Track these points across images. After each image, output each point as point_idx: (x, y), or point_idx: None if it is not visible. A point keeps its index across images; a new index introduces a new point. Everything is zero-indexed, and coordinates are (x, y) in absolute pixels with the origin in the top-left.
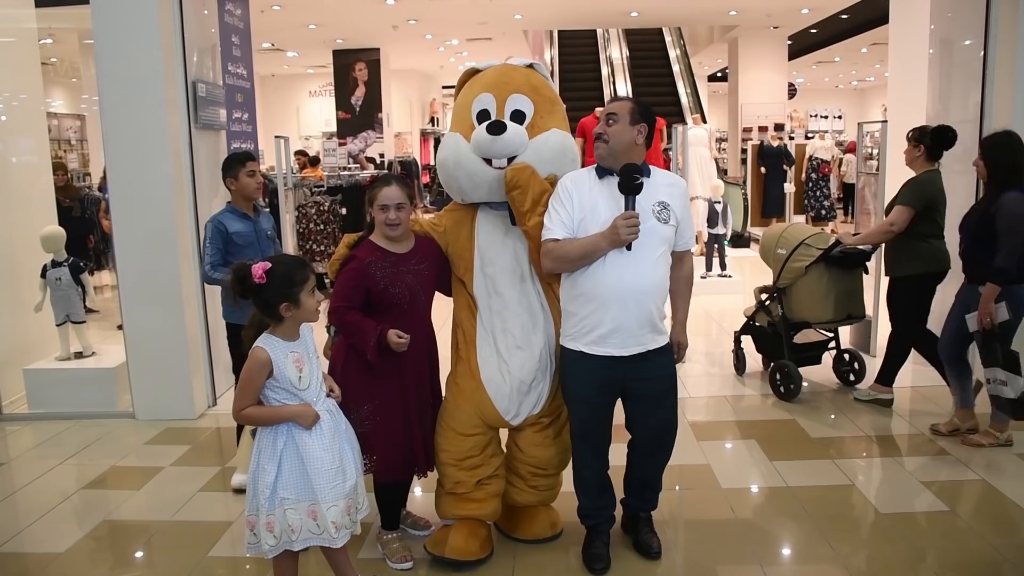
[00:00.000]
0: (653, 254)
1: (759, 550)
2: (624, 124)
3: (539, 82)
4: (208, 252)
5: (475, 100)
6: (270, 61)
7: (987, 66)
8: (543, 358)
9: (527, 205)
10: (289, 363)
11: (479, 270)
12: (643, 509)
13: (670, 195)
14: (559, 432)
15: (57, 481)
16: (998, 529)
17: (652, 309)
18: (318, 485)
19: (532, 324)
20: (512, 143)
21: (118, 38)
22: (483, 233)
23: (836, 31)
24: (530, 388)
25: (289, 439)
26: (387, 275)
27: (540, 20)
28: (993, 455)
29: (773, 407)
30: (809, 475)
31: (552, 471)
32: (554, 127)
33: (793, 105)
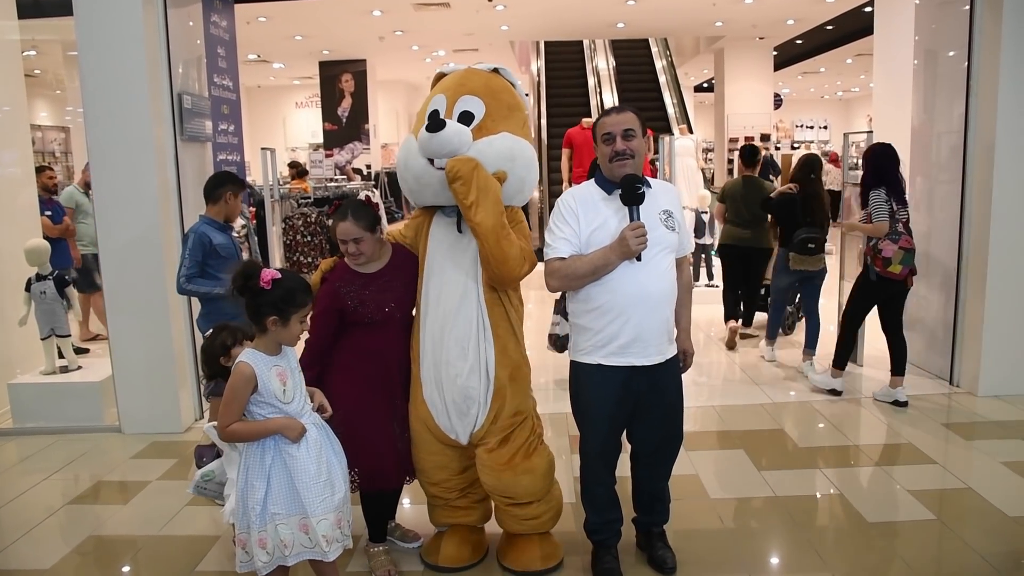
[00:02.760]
0: (664, 261)
1: (748, 560)
2: (639, 137)
3: (499, 86)
4: (185, 263)
5: (430, 101)
6: (256, 72)
7: (971, 77)
8: (473, 377)
9: (471, 197)
10: (273, 376)
11: (426, 281)
12: (655, 524)
13: (670, 202)
14: (511, 457)
15: (43, 496)
16: (984, 537)
17: (667, 316)
18: (307, 499)
19: (467, 338)
20: (450, 141)
21: (102, 50)
22: (433, 240)
23: (821, 42)
24: (463, 407)
25: (276, 454)
26: (357, 296)
27: (526, 31)
28: (980, 465)
29: (760, 417)
30: (797, 484)
31: (521, 499)
32: (505, 131)
33: (779, 115)
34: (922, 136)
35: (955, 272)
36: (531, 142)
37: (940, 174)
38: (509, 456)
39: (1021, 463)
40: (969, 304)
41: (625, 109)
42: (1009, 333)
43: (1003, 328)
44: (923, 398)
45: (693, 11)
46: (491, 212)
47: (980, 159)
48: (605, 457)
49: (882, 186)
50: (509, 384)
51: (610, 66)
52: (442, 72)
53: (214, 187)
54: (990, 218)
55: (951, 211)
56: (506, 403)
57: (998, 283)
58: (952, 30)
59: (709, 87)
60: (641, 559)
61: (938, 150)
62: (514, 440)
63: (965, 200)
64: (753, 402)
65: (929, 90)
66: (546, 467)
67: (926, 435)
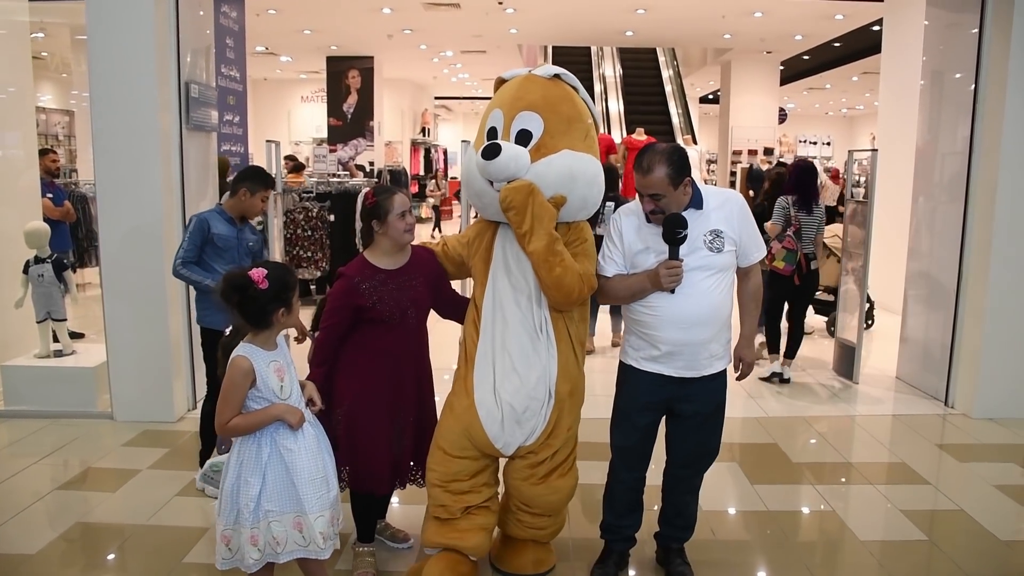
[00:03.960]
0: (706, 284)
1: (739, 574)
2: (671, 195)
3: (558, 96)
4: (183, 247)
5: (488, 116)
6: (263, 65)
7: (977, 99)
8: (538, 388)
9: (525, 226)
10: (271, 372)
11: (491, 284)
12: (675, 540)
13: (725, 218)
14: (549, 473)
15: (32, 481)
16: (975, 560)
17: (706, 337)
18: (305, 495)
19: (532, 348)
20: (506, 168)
21: (111, 35)
22: (500, 248)
23: (828, 58)
24: (521, 418)
25: (274, 449)
26: (376, 292)
27: (535, 35)
28: (972, 487)
29: (756, 431)
30: (790, 500)
31: (538, 511)
32: (565, 148)
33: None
34: (926, 156)
35: (954, 293)
36: (595, 153)
37: (942, 194)
38: (547, 472)
39: (1014, 487)
40: (967, 325)
41: (652, 167)
42: (1007, 356)
43: (1001, 351)
44: (918, 418)
45: (702, 23)
46: (545, 240)
47: (983, 181)
48: (625, 454)
49: (792, 195)
50: (568, 399)
51: (617, 73)
52: (502, 78)
53: (234, 180)
54: (991, 240)
55: (952, 232)
56: (563, 417)
57: (998, 306)
58: (960, 52)
59: (715, 99)
60: (660, 574)
61: (942, 170)
62: (557, 458)
63: (967, 221)
64: (749, 415)
65: (935, 110)
66: (573, 489)
67: (920, 455)
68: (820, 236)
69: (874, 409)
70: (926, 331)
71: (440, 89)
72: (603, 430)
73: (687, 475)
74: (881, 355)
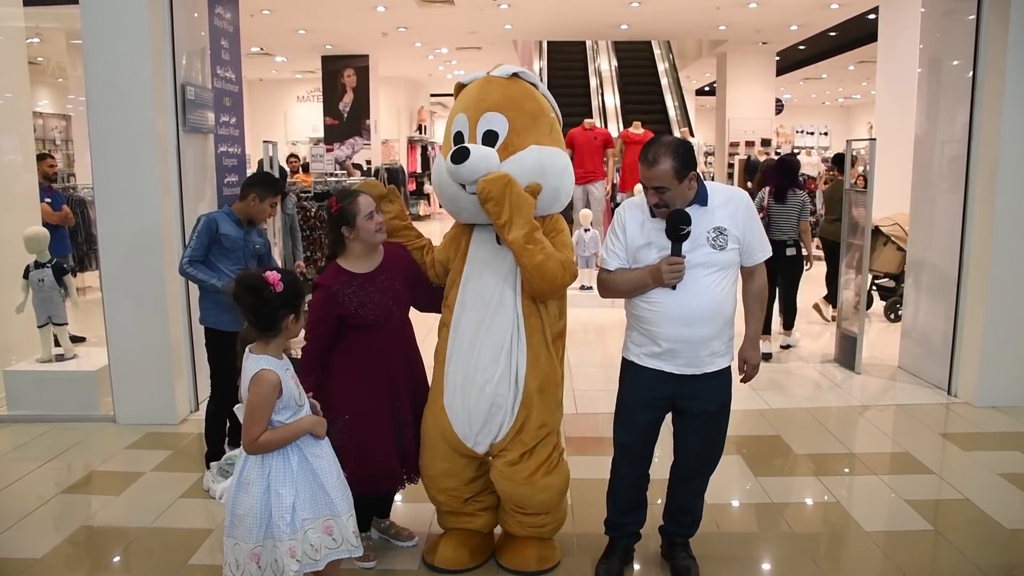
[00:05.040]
0: (707, 280)
1: (744, 567)
2: (676, 189)
3: (520, 94)
4: (191, 245)
5: (453, 121)
6: (258, 65)
7: (975, 87)
8: (503, 385)
9: (504, 216)
10: (288, 380)
11: (463, 286)
12: (679, 535)
13: (729, 216)
14: (533, 472)
15: (35, 485)
16: (981, 549)
17: (706, 335)
18: (336, 498)
19: (499, 346)
20: (476, 170)
21: (107, 39)
22: (473, 250)
23: (824, 48)
24: (488, 415)
25: (302, 458)
26: (356, 298)
27: (530, 31)
28: (977, 476)
29: (758, 423)
30: (793, 492)
31: (533, 511)
32: (532, 143)
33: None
34: (925, 144)
35: (955, 282)
36: (561, 145)
37: (942, 183)
38: (530, 471)
39: (1019, 475)
40: (969, 314)
41: (658, 159)
42: (1009, 344)
43: (1003, 339)
44: (921, 407)
45: (697, 15)
46: (526, 229)
47: (983, 169)
48: (627, 451)
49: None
50: (537, 395)
51: (612, 67)
52: (461, 83)
53: (246, 184)
54: (992, 228)
55: (952, 220)
56: (532, 414)
57: (999, 294)
58: (958, 39)
59: (711, 91)
60: (665, 568)
61: (941, 159)
62: (537, 455)
63: (967, 209)
64: (751, 408)
65: (933, 99)
66: (563, 484)
67: (923, 445)
68: (804, 223)
69: (877, 399)
70: (928, 320)
71: (436, 86)
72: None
73: (694, 476)
74: (883, 345)
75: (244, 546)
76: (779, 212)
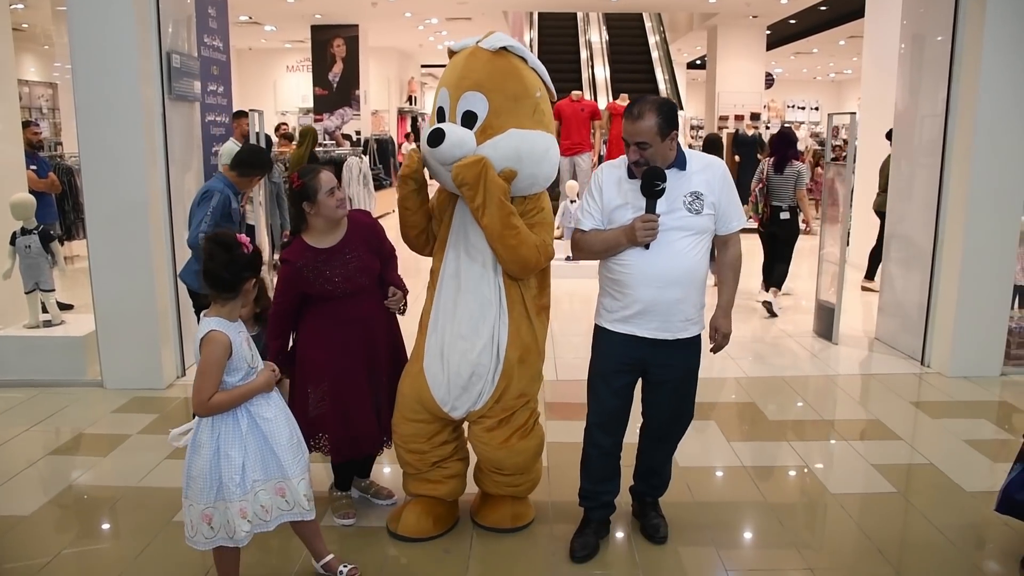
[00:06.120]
0: (682, 244)
1: (711, 526)
2: (657, 147)
3: (503, 72)
4: (207, 220)
5: (437, 95)
6: (247, 34)
7: (954, 62)
8: (484, 354)
9: (477, 201)
10: (242, 342)
11: (447, 254)
12: (649, 495)
13: (706, 182)
14: (508, 437)
15: (23, 447)
16: (942, 511)
17: (680, 297)
18: (286, 461)
19: (481, 316)
20: (451, 154)
21: (92, 6)
22: (457, 217)
23: (814, 23)
24: (467, 383)
25: (251, 420)
26: (319, 275)
27: (520, 1)
28: (943, 442)
29: (733, 390)
30: (765, 456)
31: (509, 472)
32: (512, 127)
33: (771, 95)
34: (905, 119)
35: (931, 254)
36: (546, 126)
37: (922, 157)
38: (506, 437)
39: (982, 441)
40: (943, 287)
41: (643, 114)
42: (980, 316)
43: (975, 311)
44: (894, 377)
45: None
46: (497, 214)
47: (960, 143)
48: (600, 420)
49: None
50: (518, 365)
51: (603, 40)
52: (452, 49)
53: (249, 165)
54: (966, 202)
55: (929, 194)
56: (512, 384)
57: (973, 267)
58: (939, 14)
59: (702, 64)
60: (635, 527)
61: (920, 134)
62: (513, 421)
63: (943, 183)
64: (727, 376)
65: (915, 74)
66: (538, 447)
67: (895, 413)
68: (800, 192)
69: (852, 369)
70: (904, 292)
71: (426, 57)
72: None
73: (663, 439)
74: (861, 317)
75: (196, 507)
76: (777, 181)
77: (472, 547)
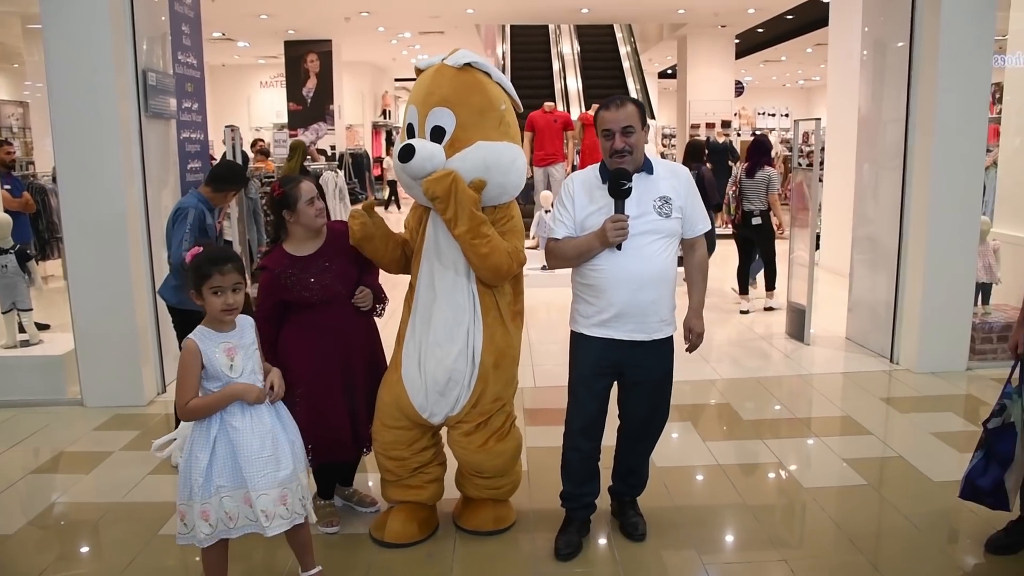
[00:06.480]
0: (653, 247)
1: (688, 524)
2: (638, 133)
3: (469, 86)
4: (188, 239)
5: (406, 112)
6: (221, 51)
7: (912, 69)
8: (459, 361)
9: (449, 213)
10: (219, 352)
11: (421, 264)
12: (628, 494)
13: (673, 187)
14: (486, 441)
15: (5, 467)
16: (910, 500)
17: (653, 299)
18: (248, 473)
19: (455, 323)
20: (421, 169)
21: (68, 25)
22: (431, 229)
23: (782, 31)
24: (444, 389)
25: (221, 427)
26: (297, 281)
27: (492, 15)
28: (911, 435)
29: (708, 392)
30: (739, 454)
31: (488, 475)
32: (479, 139)
33: (742, 102)
34: (868, 125)
35: (896, 255)
36: (512, 137)
37: (886, 161)
38: (484, 440)
39: (949, 433)
40: (909, 286)
41: (625, 102)
42: (945, 313)
43: (940, 309)
44: (864, 375)
45: None
46: (468, 224)
47: (919, 148)
48: (581, 425)
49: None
50: (493, 370)
51: (575, 51)
52: (418, 67)
53: (225, 180)
54: (927, 204)
55: (893, 197)
56: (488, 388)
57: (936, 266)
58: (899, 21)
59: (673, 73)
60: (615, 526)
61: (883, 139)
62: (491, 425)
63: (906, 186)
64: (703, 378)
65: (877, 80)
66: (516, 449)
67: (865, 409)
68: (772, 196)
69: (824, 368)
70: (872, 292)
71: (400, 71)
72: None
73: (640, 440)
74: (832, 317)
75: (177, 504)
76: (748, 185)
77: (455, 550)
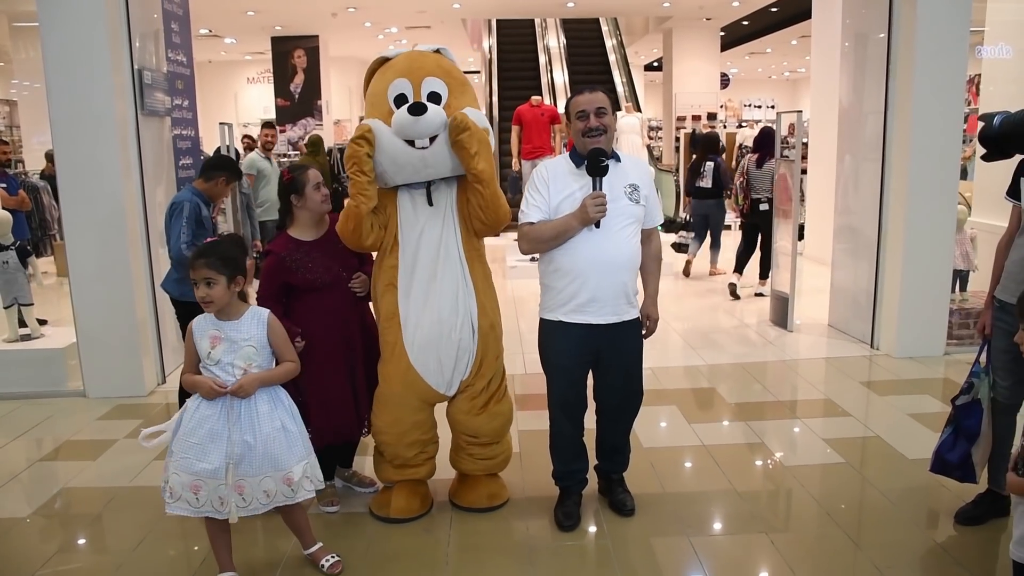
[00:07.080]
0: (625, 231)
1: (676, 502)
2: (609, 115)
3: (449, 65)
4: (185, 232)
5: (390, 86)
6: (208, 47)
7: (890, 60)
8: (464, 329)
9: (475, 147)
10: (205, 337)
11: (403, 248)
12: (614, 471)
13: (639, 177)
14: (487, 402)
15: (11, 456)
16: (885, 477)
17: (625, 281)
18: (174, 447)
19: (455, 297)
20: (433, 123)
21: (65, 24)
22: (404, 215)
23: (767, 23)
24: (456, 359)
25: (186, 411)
26: (301, 265)
27: (479, 9)
28: (889, 417)
29: (694, 377)
30: (724, 435)
31: (485, 439)
32: (467, 106)
33: (728, 95)
34: (849, 116)
35: (876, 244)
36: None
37: (867, 152)
38: (485, 401)
39: (925, 414)
40: (888, 274)
41: (597, 89)
42: (923, 300)
43: (918, 295)
44: (846, 360)
45: None
46: (489, 160)
47: (898, 139)
48: (566, 407)
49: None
50: (491, 332)
51: (561, 44)
52: (384, 57)
53: (213, 167)
54: (906, 194)
55: (872, 187)
56: (489, 348)
57: (915, 254)
58: (879, 13)
59: (659, 66)
60: (603, 503)
61: (863, 130)
62: (491, 386)
63: (885, 176)
64: (689, 364)
65: (857, 72)
66: (510, 412)
67: (845, 392)
68: None
69: (807, 354)
70: (853, 281)
71: None
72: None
73: (620, 418)
74: (816, 305)
75: None
76: (756, 175)
77: (451, 526)
